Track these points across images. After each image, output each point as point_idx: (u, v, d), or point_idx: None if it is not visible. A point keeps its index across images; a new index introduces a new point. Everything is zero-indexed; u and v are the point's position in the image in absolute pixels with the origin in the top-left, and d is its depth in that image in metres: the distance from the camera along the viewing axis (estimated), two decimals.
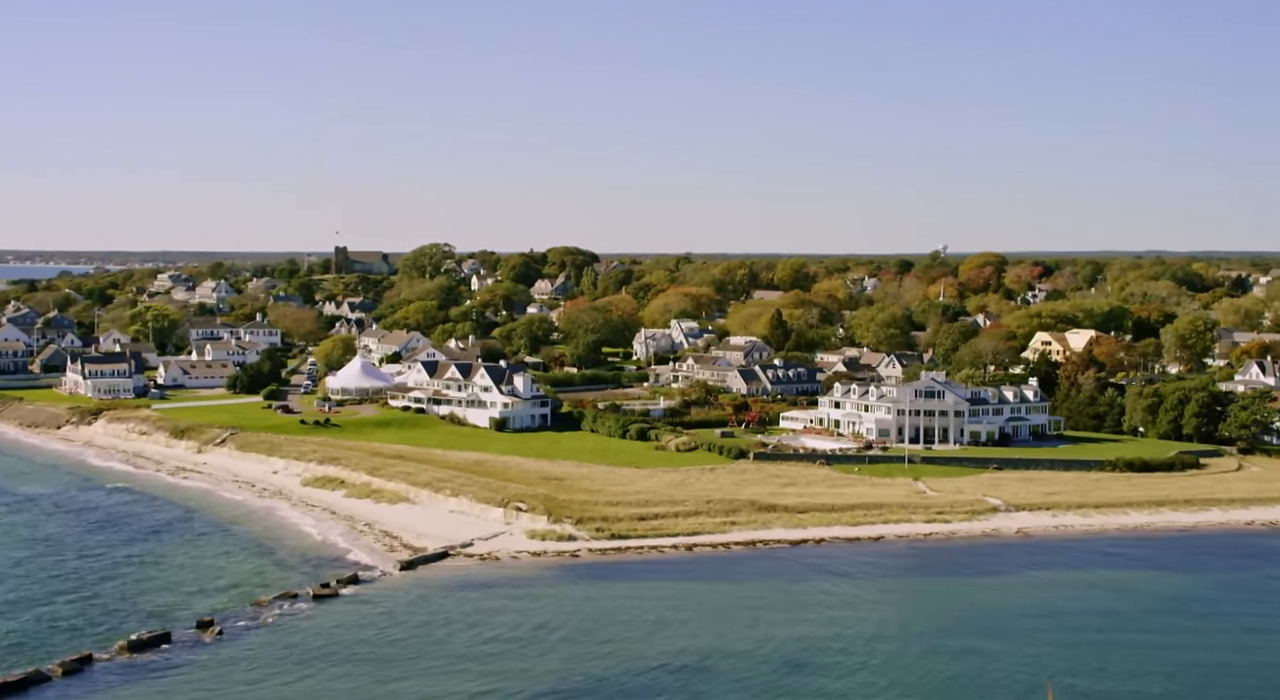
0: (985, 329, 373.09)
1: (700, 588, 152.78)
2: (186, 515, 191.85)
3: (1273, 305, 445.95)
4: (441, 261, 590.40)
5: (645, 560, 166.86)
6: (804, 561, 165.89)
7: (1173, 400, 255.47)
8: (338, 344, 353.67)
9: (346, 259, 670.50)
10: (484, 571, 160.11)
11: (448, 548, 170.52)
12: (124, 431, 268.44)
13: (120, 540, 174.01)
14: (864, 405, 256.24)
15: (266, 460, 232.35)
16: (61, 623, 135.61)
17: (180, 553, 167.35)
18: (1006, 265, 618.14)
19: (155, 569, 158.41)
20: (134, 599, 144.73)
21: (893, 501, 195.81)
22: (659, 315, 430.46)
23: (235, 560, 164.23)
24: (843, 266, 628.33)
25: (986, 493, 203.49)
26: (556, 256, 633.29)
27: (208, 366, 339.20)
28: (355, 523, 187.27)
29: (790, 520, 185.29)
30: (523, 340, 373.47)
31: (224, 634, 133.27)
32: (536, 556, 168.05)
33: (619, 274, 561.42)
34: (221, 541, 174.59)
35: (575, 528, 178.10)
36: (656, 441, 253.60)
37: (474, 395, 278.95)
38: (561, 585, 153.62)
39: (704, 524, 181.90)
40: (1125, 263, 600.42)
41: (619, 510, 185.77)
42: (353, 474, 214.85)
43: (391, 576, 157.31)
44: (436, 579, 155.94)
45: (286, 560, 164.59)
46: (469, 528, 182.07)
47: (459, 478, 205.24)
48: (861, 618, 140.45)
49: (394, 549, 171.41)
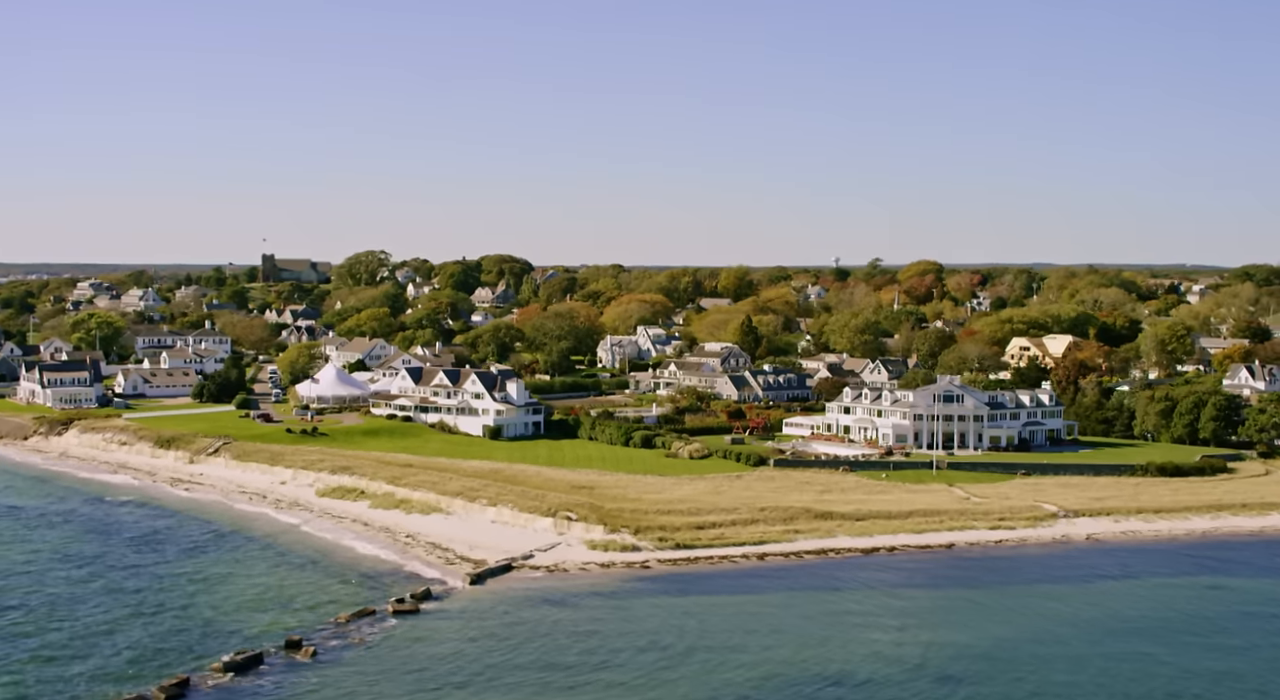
0: (960, 334, 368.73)
1: (802, 598, 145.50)
2: (216, 530, 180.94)
3: (1224, 311, 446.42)
4: (377, 269, 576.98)
5: (721, 571, 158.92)
6: (891, 569, 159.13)
7: (1187, 404, 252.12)
8: (302, 352, 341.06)
9: (274, 267, 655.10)
10: (558, 584, 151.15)
11: (510, 560, 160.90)
12: (101, 442, 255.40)
13: (161, 557, 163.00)
14: (877, 410, 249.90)
15: (270, 470, 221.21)
16: (140, 645, 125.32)
17: (230, 570, 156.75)
18: (943, 273, 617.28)
19: (211, 587, 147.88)
20: (204, 619, 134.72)
21: (948, 508, 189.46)
22: (619, 322, 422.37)
23: (289, 576, 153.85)
24: (784, 275, 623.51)
25: (1036, 499, 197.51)
26: (491, 264, 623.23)
27: (169, 375, 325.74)
28: (396, 534, 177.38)
29: (854, 528, 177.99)
30: (489, 347, 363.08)
31: (318, 654, 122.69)
32: (605, 568, 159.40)
33: (561, 282, 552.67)
34: (265, 556, 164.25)
35: (636, 538, 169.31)
36: (666, 449, 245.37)
37: (464, 402, 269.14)
38: (650, 597, 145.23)
39: (767, 533, 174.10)
40: (1062, 272, 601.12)
41: (673, 519, 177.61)
42: (371, 484, 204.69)
43: (463, 590, 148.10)
44: (512, 592, 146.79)
45: (343, 575, 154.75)
46: (519, 538, 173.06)
47: (490, 487, 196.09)
48: (999, 624, 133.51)
49: (452, 562, 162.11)
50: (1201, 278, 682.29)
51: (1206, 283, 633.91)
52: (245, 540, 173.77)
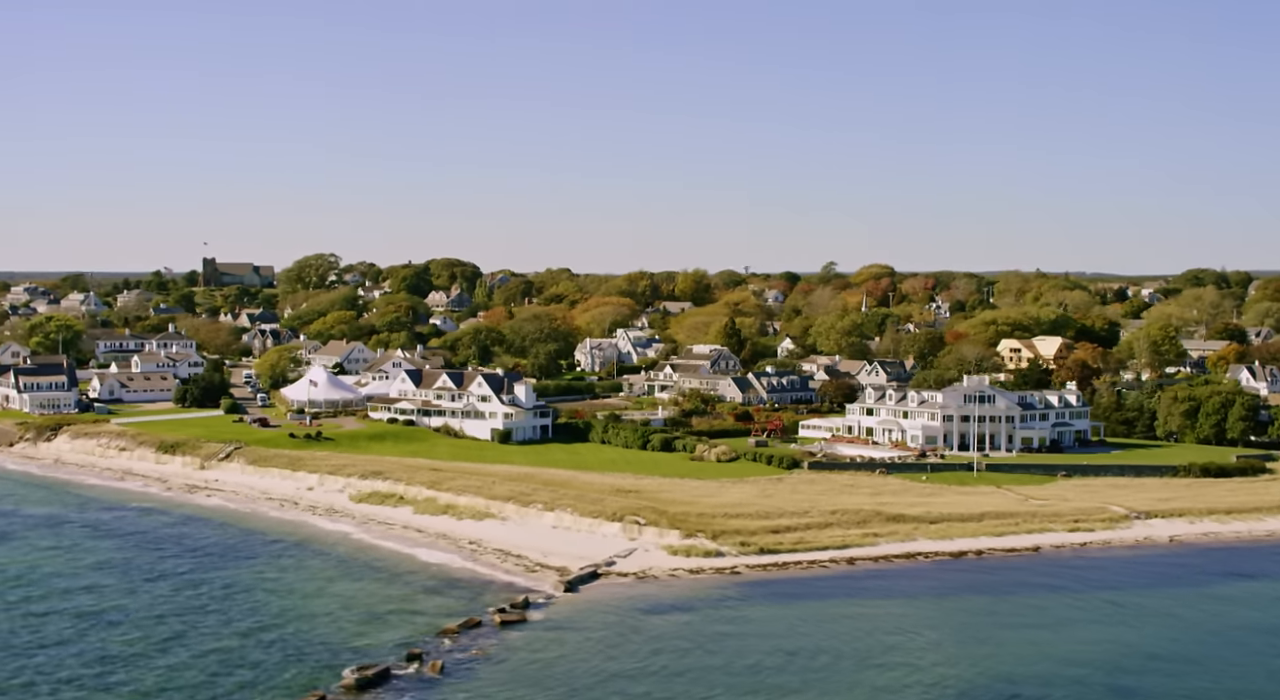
0: (948, 336, 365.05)
1: (923, 603, 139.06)
2: (264, 538, 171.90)
3: (1194, 314, 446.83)
4: (327, 272, 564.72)
5: (816, 576, 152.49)
6: (991, 572, 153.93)
7: (1214, 404, 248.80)
8: (282, 355, 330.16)
9: (215, 271, 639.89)
10: (655, 591, 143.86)
11: (594, 567, 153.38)
12: (96, 448, 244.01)
13: (224, 568, 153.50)
14: (902, 412, 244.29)
15: (293, 476, 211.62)
16: (255, 661, 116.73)
17: (302, 580, 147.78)
18: (896, 277, 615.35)
19: (295, 600, 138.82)
20: (305, 633, 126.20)
21: (1015, 510, 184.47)
22: (593, 325, 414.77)
23: (368, 587, 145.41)
24: (738, 280, 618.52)
25: (1094, 500, 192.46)
26: (439, 268, 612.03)
27: (145, 379, 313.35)
28: (457, 541, 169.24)
29: (931, 531, 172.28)
30: (470, 350, 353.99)
31: (446, 668, 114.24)
32: (695, 574, 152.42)
33: (518, 286, 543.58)
34: (331, 566, 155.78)
35: (716, 543, 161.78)
36: (687, 452, 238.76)
37: (470, 406, 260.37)
38: (760, 604, 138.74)
39: (846, 536, 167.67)
40: (1012, 277, 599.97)
41: (744, 523, 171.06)
42: (409, 489, 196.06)
43: (560, 598, 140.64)
44: (613, 600, 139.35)
45: (422, 584, 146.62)
46: (588, 544, 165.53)
47: (539, 491, 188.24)
48: (1154, 627, 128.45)
49: (532, 569, 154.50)
50: (1146, 283, 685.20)
51: (1154, 288, 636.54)
52: (299, 548, 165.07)
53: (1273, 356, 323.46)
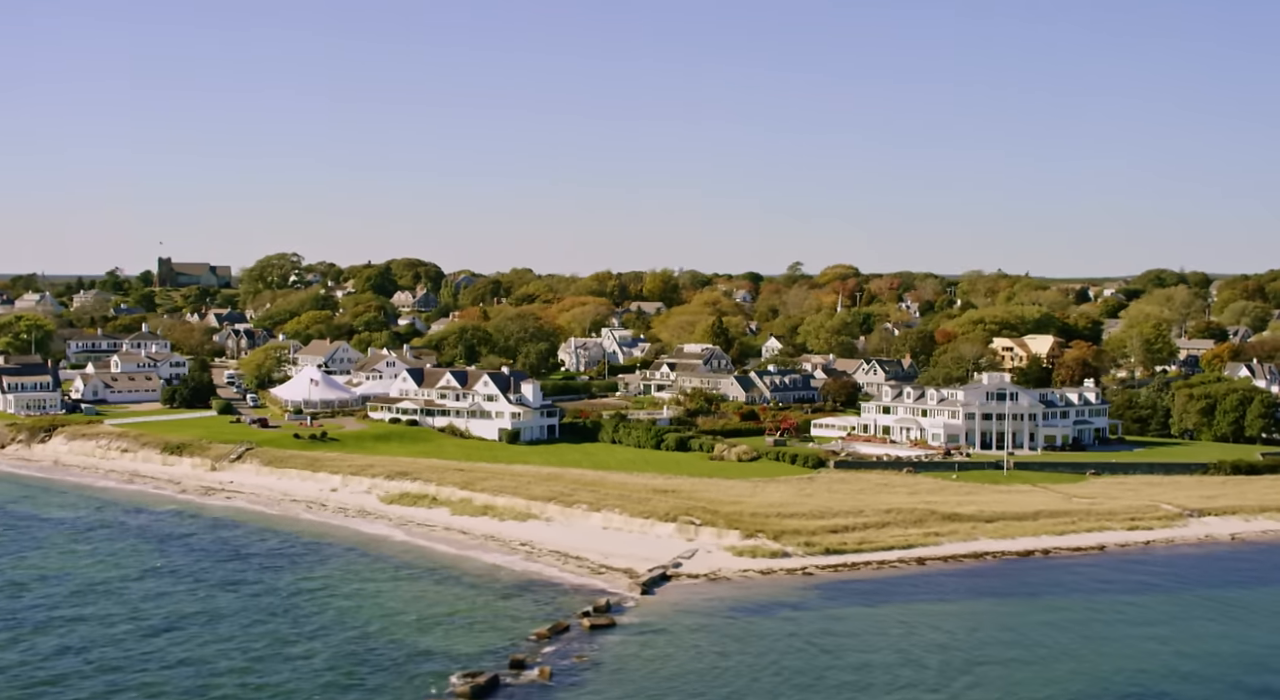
0: (937, 335, 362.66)
1: (1025, 604, 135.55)
2: (305, 541, 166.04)
3: (1169, 313, 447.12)
4: (289, 272, 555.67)
5: (890, 577, 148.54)
6: (1067, 571, 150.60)
7: (1232, 402, 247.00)
8: (269, 355, 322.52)
9: (171, 271, 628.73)
10: (734, 593, 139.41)
11: (662, 568, 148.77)
12: (95, 449, 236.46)
13: (276, 572, 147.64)
14: (921, 410, 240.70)
15: (313, 477, 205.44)
16: (342, 669, 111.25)
17: (363, 585, 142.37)
18: (859, 277, 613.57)
19: (362, 604, 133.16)
20: (385, 639, 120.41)
21: (1068, 509, 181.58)
22: (575, 324, 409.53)
23: (432, 590, 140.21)
24: (705, 280, 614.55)
25: (1146, 498, 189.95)
26: (401, 269, 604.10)
27: (130, 379, 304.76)
28: (508, 543, 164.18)
29: (990, 530, 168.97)
30: (456, 350, 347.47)
31: (554, 674, 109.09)
32: (766, 575, 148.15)
33: (486, 286, 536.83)
34: (388, 570, 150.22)
35: (779, 543, 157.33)
36: (703, 452, 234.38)
37: (476, 405, 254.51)
38: (850, 605, 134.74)
39: (909, 536, 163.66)
40: (976, 278, 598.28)
41: (804, 523, 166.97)
42: (441, 489, 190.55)
43: (639, 601, 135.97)
44: (694, 602, 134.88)
45: (490, 588, 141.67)
46: (644, 545, 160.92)
47: (580, 491, 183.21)
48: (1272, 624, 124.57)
49: (599, 571, 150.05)
50: (1106, 284, 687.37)
51: (1114, 288, 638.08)
52: (350, 552, 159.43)
53: (1269, 354, 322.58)
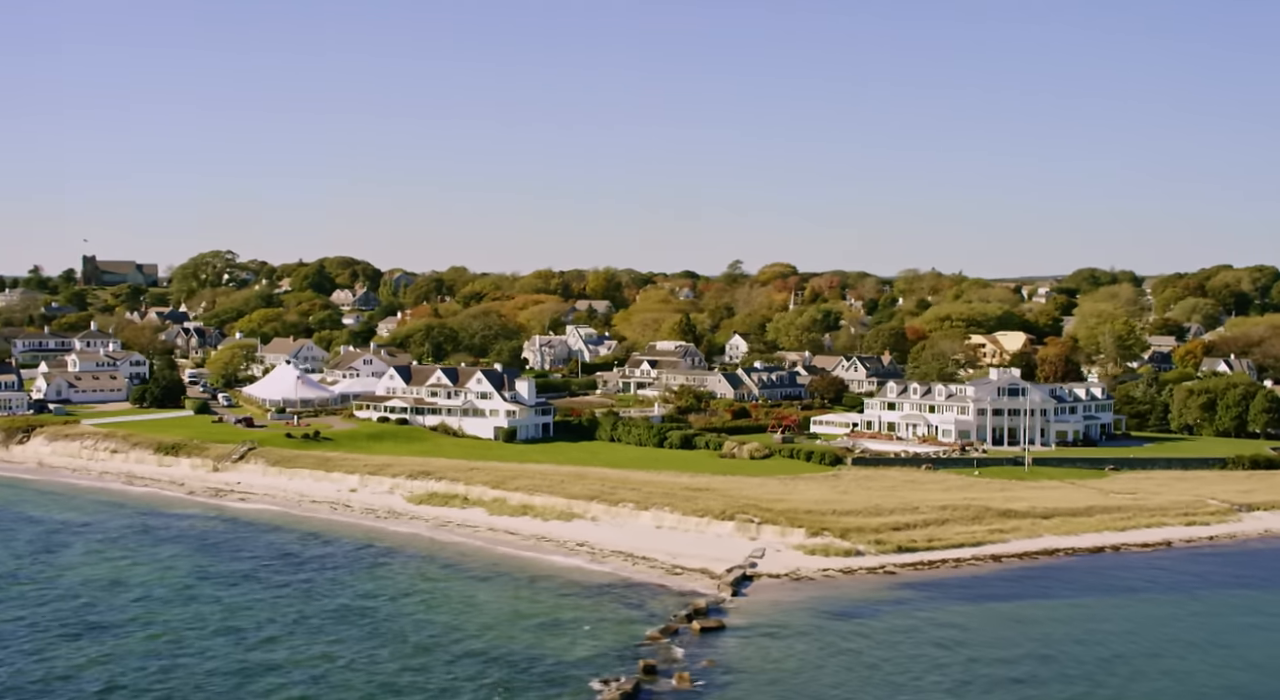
0: (908, 331, 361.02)
1: (1135, 601, 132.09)
2: (350, 544, 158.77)
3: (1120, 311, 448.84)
4: (224, 270, 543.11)
5: (979, 574, 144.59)
6: (1156, 567, 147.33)
7: (1234, 397, 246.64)
8: (236, 353, 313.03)
9: (96, 269, 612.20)
10: (828, 593, 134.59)
11: (741, 568, 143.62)
12: (81, 450, 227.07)
13: (333, 577, 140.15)
14: (928, 406, 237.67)
15: (327, 477, 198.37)
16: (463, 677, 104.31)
17: (431, 588, 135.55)
18: (799, 275, 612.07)
19: (441, 609, 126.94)
20: (492, 645, 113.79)
21: (1119, 505, 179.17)
22: (534, 322, 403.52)
23: (508, 592, 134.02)
24: (648, 279, 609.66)
25: (1180, 493, 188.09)
26: (334, 267, 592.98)
27: (95, 379, 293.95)
28: (563, 544, 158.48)
29: (1052, 526, 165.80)
30: (422, 348, 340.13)
31: (695, 680, 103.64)
32: (848, 574, 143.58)
33: (428, 284, 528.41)
34: (450, 572, 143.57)
35: (848, 541, 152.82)
36: (710, 450, 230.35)
37: (469, 403, 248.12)
38: (954, 604, 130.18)
39: (974, 533, 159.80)
40: (911, 277, 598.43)
41: (866, 520, 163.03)
42: (471, 489, 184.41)
43: (734, 602, 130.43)
44: (793, 602, 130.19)
45: (568, 590, 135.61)
46: (707, 544, 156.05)
47: (620, 490, 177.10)
48: None
49: (675, 571, 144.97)
50: (1039, 283, 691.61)
51: (1048, 287, 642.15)
52: (397, 554, 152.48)
53: (1242, 349, 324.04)
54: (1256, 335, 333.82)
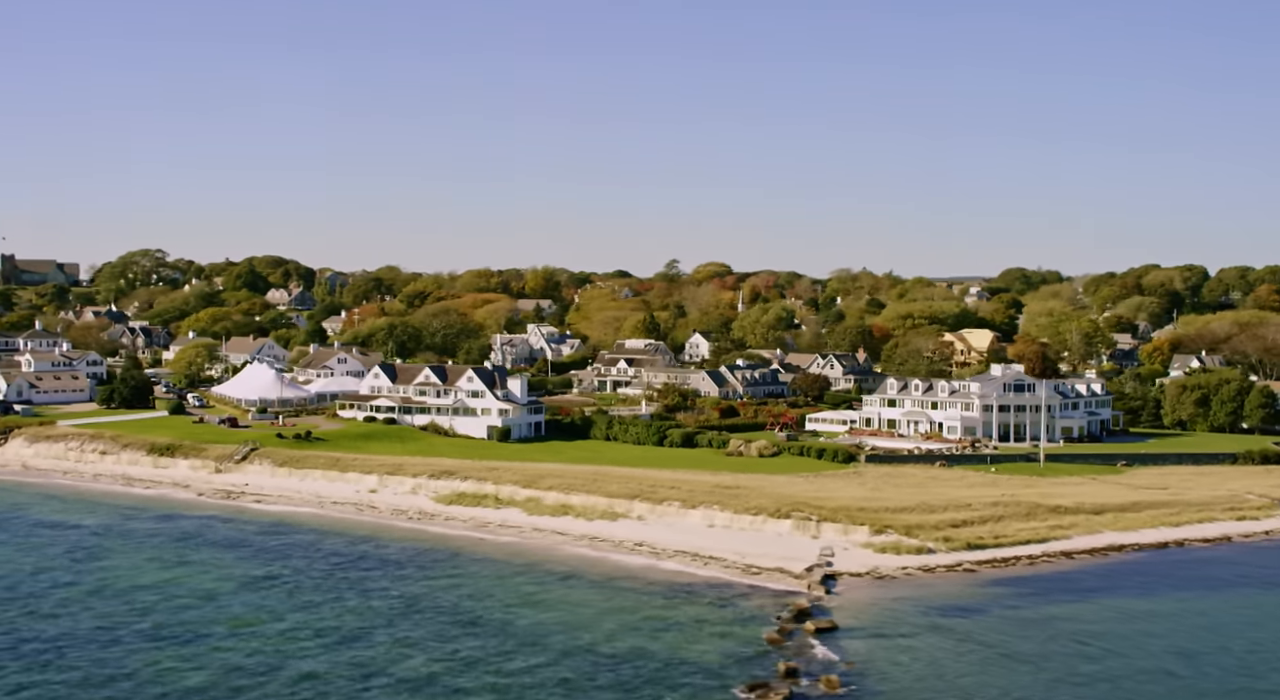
0: (874, 329, 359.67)
1: (1243, 597, 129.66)
2: (397, 546, 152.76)
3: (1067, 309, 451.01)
4: (153, 269, 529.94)
5: (1060, 572, 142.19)
6: (1231, 563, 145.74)
7: (1229, 393, 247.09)
8: (200, 352, 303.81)
9: (14, 269, 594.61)
10: (918, 592, 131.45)
11: (818, 567, 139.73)
12: (67, 452, 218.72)
13: (400, 581, 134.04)
14: (930, 402, 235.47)
15: (342, 477, 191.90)
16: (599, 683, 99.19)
17: (506, 590, 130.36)
18: (735, 275, 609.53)
19: (534, 612, 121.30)
20: (606, 652, 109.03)
21: (1162, 500, 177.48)
22: (489, 320, 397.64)
23: (592, 595, 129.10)
24: (586, 278, 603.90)
25: (1218, 488, 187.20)
26: (263, 266, 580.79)
27: (56, 379, 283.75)
28: (619, 544, 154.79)
29: (1108, 522, 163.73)
30: (386, 347, 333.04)
31: (844, 683, 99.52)
32: (929, 572, 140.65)
33: (366, 283, 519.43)
34: (519, 574, 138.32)
35: (917, 539, 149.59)
36: (713, 448, 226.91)
37: (460, 402, 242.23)
38: (1060, 602, 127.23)
39: (1035, 530, 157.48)
40: (843, 277, 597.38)
41: (923, 517, 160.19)
42: (501, 488, 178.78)
43: (829, 602, 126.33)
44: (888, 601, 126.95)
45: (650, 591, 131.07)
46: (768, 543, 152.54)
47: (660, 489, 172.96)
48: None
49: (753, 571, 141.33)
50: (969, 283, 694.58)
51: (979, 287, 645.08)
52: (458, 557, 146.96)
53: (1209, 345, 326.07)
54: (1223, 332, 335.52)
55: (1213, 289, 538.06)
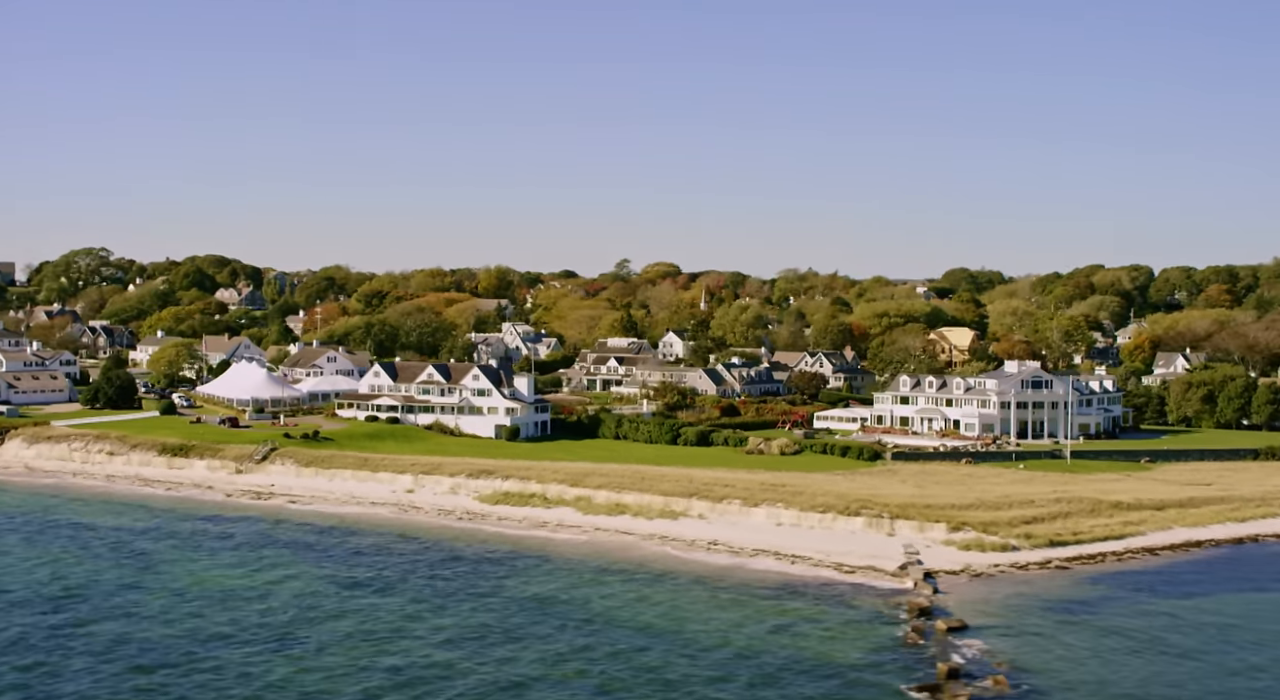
0: (853, 327, 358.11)
1: None
2: (465, 548, 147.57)
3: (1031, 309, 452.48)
4: (97, 268, 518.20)
5: (1151, 567, 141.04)
6: None
7: (1235, 389, 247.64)
8: (181, 351, 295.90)
9: None
10: (1024, 589, 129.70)
11: (912, 566, 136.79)
12: (70, 453, 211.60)
13: (493, 584, 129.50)
14: (945, 399, 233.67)
15: (373, 477, 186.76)
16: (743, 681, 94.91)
17: (599, 593, 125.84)
18: (684, 275, 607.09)
19: (647, 614, 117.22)
20: (750, 654, 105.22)
21: (1223, 495, 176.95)
22: (460, 319, 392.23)
23: (694, 595, 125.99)
24: (536, 278, 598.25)
25: (1270, 483, 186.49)
26: (209, 266, 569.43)
27: (34, 379, 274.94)
28: (690, 542, 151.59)
29: (1176, 519, 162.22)
30: (364, 346, 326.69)
31: (1013, 683, 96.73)
32: (1023, 569, 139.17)
33: (318, 283, 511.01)
34: (609, 576, 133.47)
35: (997, 536, 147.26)
36: (730, 446, 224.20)
37: (465, 401, 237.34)
38: (1169, 598, 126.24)
39: (1109, 526, 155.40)
40: (791, 277, 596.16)
41: (993, 515, 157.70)
42: (547, 487, 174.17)
43: (945, 600, 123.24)
44: (1002, 598, 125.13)
45: (753, 590, 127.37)
46: (842, 541, 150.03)
47: (715, 487, 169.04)
48: None
49: (846, 570, 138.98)
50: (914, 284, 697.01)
51: (924, 287, 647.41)
52: (538, 557, 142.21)
53: (1189, 343, 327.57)
54: (1203, 329, 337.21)
55: (1160, 288, 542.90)
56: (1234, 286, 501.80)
